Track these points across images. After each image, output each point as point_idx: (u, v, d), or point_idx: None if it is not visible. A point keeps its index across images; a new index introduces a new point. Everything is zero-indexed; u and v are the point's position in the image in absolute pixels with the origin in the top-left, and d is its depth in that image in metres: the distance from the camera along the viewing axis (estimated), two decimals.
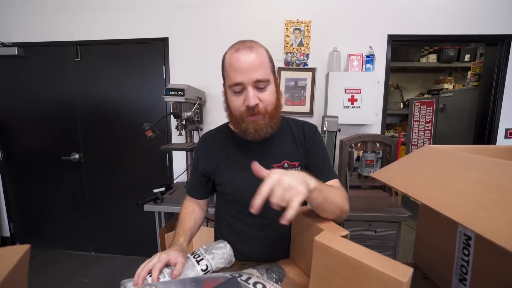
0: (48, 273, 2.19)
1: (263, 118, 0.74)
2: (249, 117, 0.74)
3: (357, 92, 1.84)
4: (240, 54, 0.69)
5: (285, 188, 0.51)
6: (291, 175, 0.53)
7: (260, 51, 0.72)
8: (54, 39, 2.19)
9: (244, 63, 0.69)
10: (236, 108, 0.75)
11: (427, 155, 0.64)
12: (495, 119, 1.99)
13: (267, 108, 0.74)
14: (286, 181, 0.51)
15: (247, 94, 0.71)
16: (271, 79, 0.74)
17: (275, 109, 0.77)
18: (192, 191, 0.93)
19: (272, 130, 0.78)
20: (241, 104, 0.73)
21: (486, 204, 0.37)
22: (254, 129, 0.74)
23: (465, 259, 0.58)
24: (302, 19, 1.97)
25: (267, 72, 0.73)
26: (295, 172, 0.56)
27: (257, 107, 0.72)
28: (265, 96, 0.73)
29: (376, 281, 0.43)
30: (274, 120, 0.77)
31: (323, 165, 0.83)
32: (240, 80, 0.70)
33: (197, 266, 0.69)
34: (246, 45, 0.71)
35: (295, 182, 0.52)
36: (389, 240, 1.55)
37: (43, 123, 2.34)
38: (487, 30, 1.91)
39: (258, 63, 0.70)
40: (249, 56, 0.69)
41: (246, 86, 0.70)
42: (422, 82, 4.14)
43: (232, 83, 0.71)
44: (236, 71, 0.70)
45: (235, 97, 0.74)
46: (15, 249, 0.53)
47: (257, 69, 0.69)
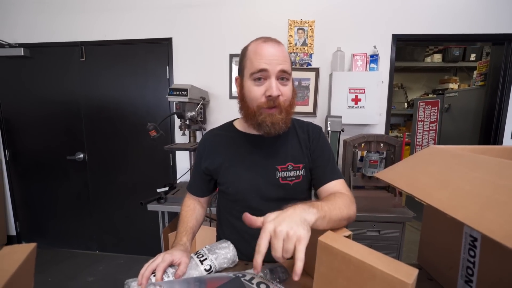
0: (53, 271, 2.22)
1: (280, 112, 0.74)
2: (267, 110, 0.73)
3: (361, 92, 1.83)
4: (268, 44, 0.71)
5: (284, 239, 0.47)
6: (288, 218, 0.50)
7: (285, 48, 0.75)
8: (59, 39, 2.21)
9: (272, 51, 0.70)
10: (255, 98, 0.73)
11: (432, 155, 0.64)
12: (502, 119, 1.96)
13: (285, 103, 0.75)
14: (283, 231, 0.47)
15: (270, 84, 0.71)
16: (291, 75, 0.76)
17: (291, 106, 0.78)
18: (193, 188, 0.93)
19: (285, 127, 0.78)
20: (261, 94, 0.72)
21: (493, 205, 0.37)
22: (271, 122, 0.74)
23: (471, 260, 0.57)
24: (306, 19, 1.97)
25: (289, 67, 0.74)
26: (291, 210, 0.52)
27: (278, 99, 0.72)
28: (285, 90, 0.74)
29: (381, 282, 0.43)
30: (289, 116, 0.78)
31: (327, 165, 0.82)
32: (265, 67, 0.70)
33: (200, 266, 0.69)
34: (273, 39, 0.74)
35: (293, 227, 0.48)
36: (393, 240, 1.54)
37: (48, 123, 2.36)
38: (493, 29, 1.88)
39: (284, 56, 0.72)
40: (277, 48, 0.72)
41: (270, 75, 0.71)
42: (426, 82, 4.10)
43: (256, 69, 0.71)
44: (262, 58, 0.70)
45: (255, 87, 0.73)
46: (22, 247, 0.53)
47: (283, 61, 0.71)
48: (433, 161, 0.61)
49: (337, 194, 0.71)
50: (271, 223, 0.49)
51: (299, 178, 0.81)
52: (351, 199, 0.71)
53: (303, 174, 0.82)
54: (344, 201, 0.67)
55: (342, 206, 0.64)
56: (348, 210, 0.65)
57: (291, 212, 0.52)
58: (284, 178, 0.80)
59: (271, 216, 0.52)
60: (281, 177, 0.80)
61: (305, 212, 0.53)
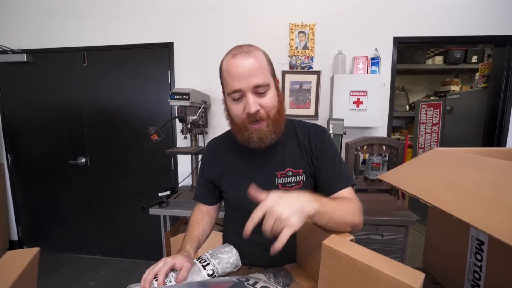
0: (55, 276, 2.21)
1: (267, 125, 0.72)
2: (252, 125, 0.72)
3: (363, 95, 1.83)
4: (237, 60, 0.67)
5: (277, 218, 0.49)
6: (288, 202, 0.51)
7: (258, 55, 0.70)
8: (62, 45, 2.23)
9: (241, 68, 0.67)
10: (237, 116, 0.72)
11: (436, 157, 0.63)
12: (505, 121, 1.95)
13: (269, 113, 0.72)
14: (279, 210, 0.49)
15: (247, 101, 0.68)
16: (271, 83, 0.72)
17: (278, 114, 0.75)
18: (199, 196, 0.93)
19: (276, 137, 0.76)
20: (242, 111, 0.71)
21: (502, 207, 0.36)
22: (258, 138, 0.72)
23: (478, 264, 0.56)
24: (307, 22, 1.98)
25: (266, 76, 0.70)
26: (294, 196, 0.53)
27: (259, 114, 0.70)
28: (266, 101, 0.71)
29: (387, 286, 0.42)
30: (278, 125, 0.75)
31: (332, 173, 0.77)
32: (238, 87, 0.68)
33: (203, 271, 0.68)
34: (243, 50, 0.69)
35: (289, 212, 0.49)
36: (397, 244, 1.52)
37: (50, 128, 2.38)
38: (496, 31, 1.88)
39: (256, 68, 0.68)
40: (247, 61, 0.67)
41: (245, 92, 0.68)
42: (428, 84, 4.10)
43: (231, 91, 0.69)
44: (233, 77, 0.68)
45: (235, 105, 0.72)
46: (25, 252, 0.54)
47: (255, 74, 0.67)
48: (437, 163, 0.60)
49: (347, 199, 0.69)
50: (271, 200, 0.51)
51: (299, 184, 0.79)
52: (359, 208, 0.68)
53: (303, 179, 0.79)
54: (351, 207, 0.65)
55: (348, 211, 0.63)
56: (353, 216, 0.63)
57: (293, 198, 0.53)
58: (283, 185, 0.78)
59: (275, 194, 0.53)
60: (280, 184, 0.78)
61: (307, 203, 0.53)
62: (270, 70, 0.73)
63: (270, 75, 0.72)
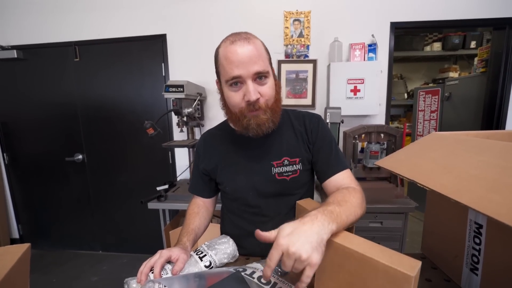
0: (57, 272, 2.22)
1: (265, 113, 0.71)
2: (250, 112, 0.70)
3: (360, 83, 1.80)
4: (236, 46, 0.65)
5: (296, 259, 0.44)
6: (302, 239, 0.45)
7: (257, 42, 0.68)
8: (52, 40, 2.19)
9: (241, 55, 0.64)
10: (235, 104, 0.70)
11: (434, 141, 0.62)
12: (504, 105, 1.93)
13: (268, 102, 0.71)
14: (297, 251, 0.44)
15: (247, 89, 0.66)
16: (270, 71, 0.71)
17: (276, 103, 0.74)
18: (194, 189, 0.92)
19: (274, 125, 0.74)
20: (241, 99, 0.69)
21: (501, 188, 0.35)
22: (256, 124, 0.71)
23: (476, 248, 0.55)
24: (302, 10, 1.93)
25: (266, 64, 0.69)
26: (309, 226, 0.47)
27: (258, 102, 0.69)
28: (265, 90, 0.69)
29: (383, 275, 0.42)
30: (276, 114, 0.74)
31: (330, 157, 0.78)
32: (238, 73, 0.65)
33: (200, 262, 0.67)
34: (242, 37, 0.67)
35: (308, 250, 0.44)
36: (396, 231, 1.53)
37: (46, 125, 2.35)
38: (494, 13, 1.84)
39: (257, 55, 0.66)
40: (247, 47, 0.65)
41: (245, 79, 0.66)
42: (426, 72, 4.05)
43: (230, 77, 0.67)
44: (233, 64, 0.65)
45: (233, 93, 0.69)
46: (15, 248, 0.53)
47: (256, 61, 0.65)
48: (435, 147, 0.59)
49: (351, 192, 0.65)
50: (285, 239, 0.45)
51: (296, 173, 0.78)
52: (362, 195, 0.67)
53: (300, 168, 0.79)
54: (358, 201, 0.62)
55: (357, 208, 0.60)
56: (361, 210, 0.62)
57: (308, 229, 0.46)
58: (280, 174, 0.78)
59: (286, 230, 0.47)
60: (277, 173, 0.78)
61: (324, 229, 0.47)
62: (268, 59, 0.72)
63: (268, 63, 0.71)
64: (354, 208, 0.59)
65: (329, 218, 0.49)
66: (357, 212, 0.59)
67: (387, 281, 0.42)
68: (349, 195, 0.63)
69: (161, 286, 0.56)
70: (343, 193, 0.64)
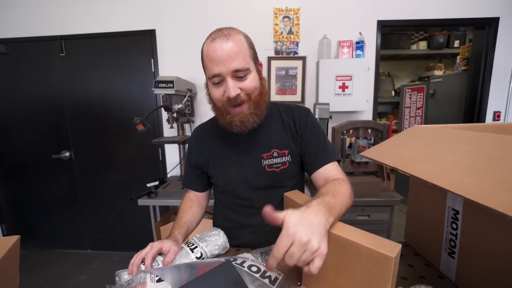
0: (45, 272, 2.17)
1: (248, 107, 0.72)
2: (233, 109, 0.71)
3: (348, 79, 1.84)
4: (216, 44, 0.66)
5: (307, 249, 0.43)
6: (312, 228, 0.45)
7: (238, 39, 0.68)
8: (37, 34, 2.12)
9: (220, 53, 0.65)
10: (217, 99, 0.72)
11: (415, 133, 0.65)
12: (483, 102, 2.02)
13: (251, 95, 0.72)
14: (309, 242, 0.43)
15: (227, 85, 0.68)
16: (251, 67, 0.71)
17: (260, 96, 0.74)
18: (187, 183, 0.93)
19: (258, 119, 0.76)
20: (222, 95, 0.70)
21: (473, 172, 0.38)
22: (239, 121, 0.72)
23: (453, 233, 0.59)
24: (291, 7, 1.95)
25: (246, 60, 0.69)
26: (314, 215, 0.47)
27: (239, 97, 0.70)
28: (246, 84, 0.70)
29: (366, 258, 0.44)
30: (260, 107, 0.75)
31: (318, 149, 0.79)
32: (218, 71, 0.67)
33: (191, 254, 0.68)
34: (223, 34, 0.67)
35: (318, 239, 0.44)
36: (382, 224, 1.58)
37: (31, 122, 2.28)
38: (475, 13, 1.91)
39: (236, 52, 0.66)
40: (226, 45, 0.66)
41: (224, 77, 0.68)
42: (413, 70, 4.16)
43: (211, 75, 0.68)
44: (213, 62, 0.67)
45: (215, 89, 0.71)
46: (4, 240, 0.53)
47: (234, 58, 0.66)
48: (416, 138, 0.62)
49: (341, 183, 0.66)
50: (296, 228, 0.44)
51: (286, 165, 0.80)
52: (350, 186, 0.68)
53: (289, 160, 0.80)
54: (348, 192, 0.64)
55: (348, 199, 0.62)
56: (351, 200, 0.63)
57: (314, 218, 0.46)
58: (270, 166, 0.79)
59: (294, 217, 0.46)
60: (267, 165, 0.79)
61: (326, 220, 0.48)
62: (251, 54, 0.72)
63: (250, 59, 0.71)
64: (346, 199, 0.60)
65: (328, 211, 0.50)
66: (348, 203, 0.61)
67: (370, 263, 0.44)
68: (340, 186, 0.65)
69: (153, 276, 0.57)
70: (334, 184, 0.65)
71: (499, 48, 1.93)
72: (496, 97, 2.00)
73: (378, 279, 0.43)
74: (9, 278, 0.52)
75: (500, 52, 1.93)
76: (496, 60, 1.95)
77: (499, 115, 2.01)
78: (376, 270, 0.43)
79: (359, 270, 0.46)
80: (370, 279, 0.45)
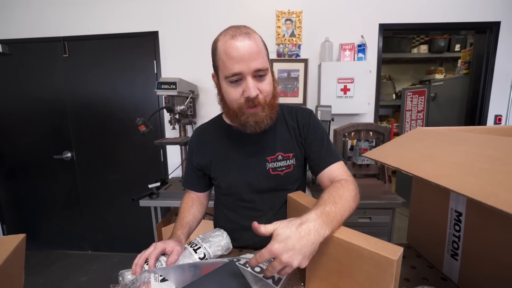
0: (45, 273, 2.17)
1: (263, 109, 0.71)
2: (248, 109, 0.70)
3: (350, 82, 1.85)
4: (237, 42, 0.64)
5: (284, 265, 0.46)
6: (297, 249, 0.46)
7: (257, 38, 0.67)
8: (40, 35, 2.13)
9: (242, 51, 0.63)
10: (234, 100, 0.70)
11: (417, 135, 0.66)
12: (485, 105, 2.02)
13: (266, 98, 0.71)
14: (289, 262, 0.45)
15: (247, 85, 0.66)
16: (269, 67, 0.70)
17: (273, 99, 0.74)
18: (188, 184, 0.92)
19: (271, 122, 0.75)
20: (240, 95, 0.68)
21: (476, 172, 0.38)
22: (254, 122, 0.71)
23: (456, 235, 0.59)
24: (293, 10, 1.96)
25: (265, 60, 0.69)
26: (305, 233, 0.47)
27: (257, 98, 0.69)
28: (264, 86, 0.69)
29: (368, 261, 0.45)
30: (273, 110, 0.75)
31: (322, 150, 0.78)
32: (239, 70, 0.65)
33: (194, 254, 0.69)
34: (242, 31, 0.65)
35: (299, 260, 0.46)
36: (384, 226, 1.58)
37: (33, 122, 2.29)
38: (477, 17, 1.93)
39: (257, 51, 0.65)
40: (247, 43, 0.64)
41: (245, 76, 0.66)
42: (414, 73, 4.18)
43: (230, 74, 0.66)
44: (233, 60, 0.64)
45: (232, 89, 0.69)
46: (11, 238, 0.53)
47: (256, 58, 0.65)
48: (419, 139, 0.62)
49: (344, 185, 0.64)
50: (281, 246, 0.46)
51: (290, 168, 0.80)
52: (355, 186, 0.67)
53: (293, 163, 0.80)
54: (351, 194, 0.62)
55: (351, 202, 0.60)
56: (354, 203, 0.61)
57: (305, 237, 0.47)
58: (274, 169, 0.79)
59: (283, 234, 0.47)
60: (271, 168, 0.79)
61: (319, 237, 0.48)
62: (267, 54, 0.71)
63: (267, 59, 0.71)
64: (349, 203, 0.59)
65: (326, 223, 0.49)
66: (351, 206, 0.59)
67: (372, 266, 0.44)
68: (343, 189, 0.63)
69: (156, 275, 0.57)
70: (337, 187, 0.63)
71: (500, 52, 1.94)
72: (497, 100, 2.00)
73: (380, 282, 0.44)
74: (15, 276, 0.52)
75: (501, 56, 1.94)
76: (497, 64, 1.96)
77: (500, 119, 2.02)
78: (378, 273, 0.44)
79: (361, 273, 0.46)
80: (373, 282, 0.45)
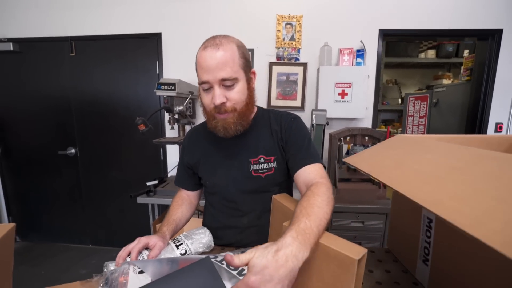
0: (46, 265, 2.24)
1: (232, 116, 0.74)
2: (218, 115, 0.75)
3: (348, 87, 1.86)
4: (206, 53, 0.69)
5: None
6: (275, 281, 0.42)
7: (229, 48, 0.70)
8: (49, 34, 2.21)
9: (209, 61, 0.68)
10: (206, 105, 0.76)
11: (396, 142, 0.67)
12: (485, 113, 2.00)
13: (236, 106, 0.74)
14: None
15: (214, 93, 0.71)
16: (239, 76, 0.72)
17: (246, 107, 0.76)
18: (179, 181, 0.96)
19: (242, 128, 0.78)
20: (210, 101, 0.73)
21: (432, 180, 0.40)
22: (223, 127, 0.75)
23: (428, 241, 0.60)
24: (294, 14, 1.98)
25: (235, 69, 0.71)
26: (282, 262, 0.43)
27: (224, 106, 0.72)
28: (232, 95, 0.72)
29: (334, 260, 0.47)
30: (245, 118, 0.77)
31: (299, 152, 0.78)
32: (206, 79, 0.70)
33: (176, 250, 0.72)
34: (215, 43, 0.70)
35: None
36: (376, 231, 1.58)
37: (39, 118, 2.37)
38: (479, 24, 1.91)
39: (224, 62, 0.69)
40: (216, 54, 0.68)
41: (212, 84, 0.71)
42: (420, 78, 4.12)
43: (200, 81, 0.73)
44: (203, 69, 0.70)
45: (205, 94, 0.75)
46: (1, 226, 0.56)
47: (222, 68, 0.69)
48: (396, 146, 0.64)
49: (314, 192, 0.62)
50: (257, 279, 0.41)
51: (271, 171, 0.82)
52: (328, 188, 0.65)
53: (275, 166, 0.82)
54: (323, 198, 0.59)
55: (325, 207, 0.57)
56: (328, 207, 0.58)
57: (282, 267, 0.43)
58: (256, 171, 0.81)
59: (259, 264, 0.43)
60: (253, 170, 0.81)
61: (298, 263, 0.44)
62: (242, 63, 0.73)
63: (240, 68, 0.72)
64: (322, 210, 0.55)
65: (303, 245, 0.46)
66: (326, 211, 0.56)
67: (337, 265, 0.46)
68: (314, 196, 0.59)
69: (135, 267, 0.60)
70: (307, 196, 0.60)
71: (502, 60, 1.91)
72: (499, 108, 1.98)
73: (343, 281, 0.46)
74: (4, 262, 0.55)
75: (503, 64, 1.92)
76: (498, 71, 1.93)
77: (501, 126, 1.99)
78: (341, 272, 0.46)
79: (327, 272, 0.48)
80: (336, 280, 0.47)
